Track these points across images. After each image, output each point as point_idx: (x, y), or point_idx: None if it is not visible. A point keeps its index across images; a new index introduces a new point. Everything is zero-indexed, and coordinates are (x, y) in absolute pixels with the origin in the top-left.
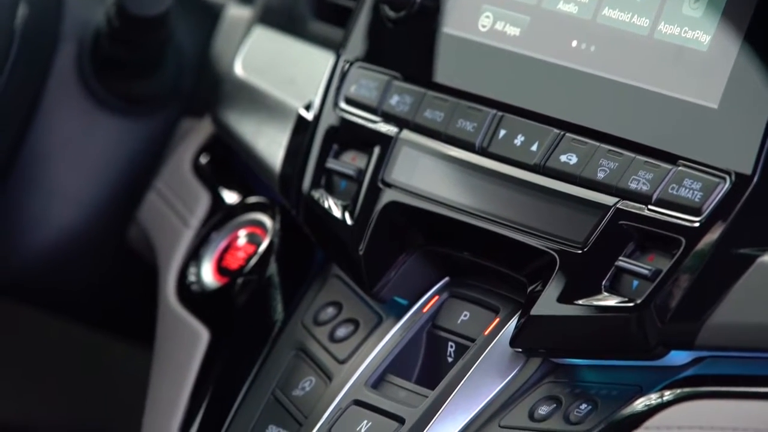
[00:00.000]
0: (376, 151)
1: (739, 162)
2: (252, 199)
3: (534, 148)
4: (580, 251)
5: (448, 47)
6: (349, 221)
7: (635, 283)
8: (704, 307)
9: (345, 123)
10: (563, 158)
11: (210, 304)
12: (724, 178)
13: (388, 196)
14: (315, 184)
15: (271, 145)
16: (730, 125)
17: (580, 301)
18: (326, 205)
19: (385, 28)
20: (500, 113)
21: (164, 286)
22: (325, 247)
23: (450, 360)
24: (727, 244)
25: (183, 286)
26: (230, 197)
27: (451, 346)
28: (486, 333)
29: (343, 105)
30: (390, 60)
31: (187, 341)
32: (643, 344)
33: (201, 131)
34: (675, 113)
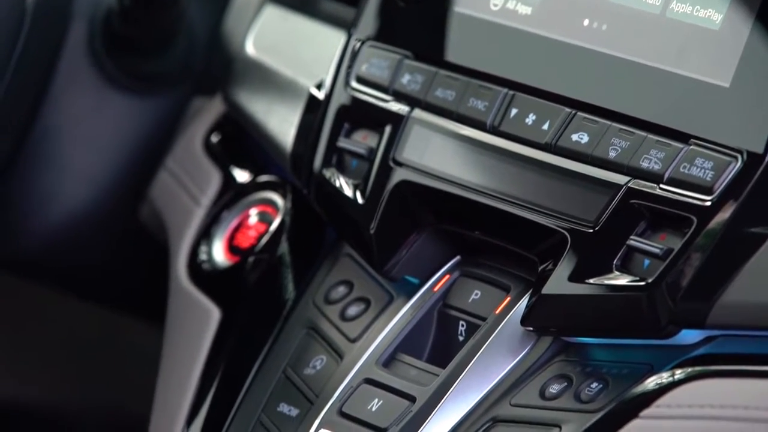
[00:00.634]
0: (388, 130)
1: (750, 141)
2: (263, 178)
3: (545, 127)
4: (591, 230)
5: (459, 26)
6: (360, 200)
7: (646, 262)
8: (715, 285)
9: (356, 102)
10: (575, 137)
11: (221, 283)
12: (735, 157)
13: (399, 175)
14: (326, 163)
15: (282, 124)
16: (742, 104)
17: (591, 280)
18: (337, 184)
19: (397, 6)
20: (511, 92)
21: (175, 265)
22: (336, 226)
23: (461, 339)
24: (738, 222)
25: (194, 265)
26: (241, 176)
27: (462, 325)
28: (497, 312)
29: (354, 84)
30: (401, 39)
31: (199, 319)
32: (654, 323)
33: (212, 110)
34: (687, 92)
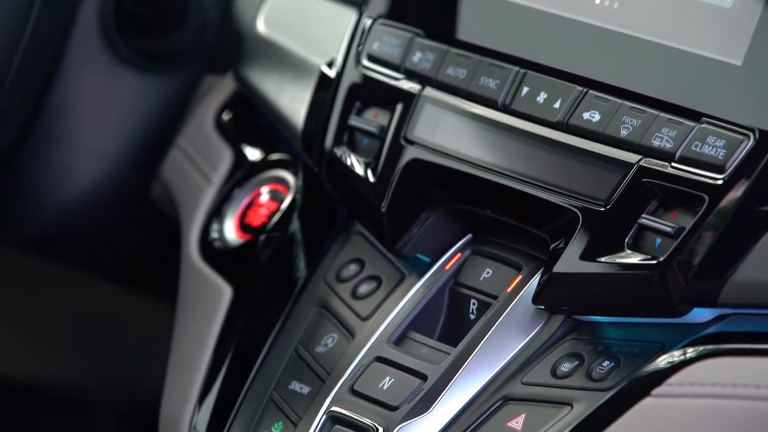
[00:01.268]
0: (399, 108)
1: (763, 119)
2: (274, 156)
3: (557, 105)
4: (602, 208)
5: (470, 4)
6: (371, 178)
7: (658, 240)
8: (727, 264)
9: (367, 80)
10: (586, 115)
11: (232, 261)
12: (747, 136)
13: (410, 153)
14: (337, 141)
15: (293, 103)
16: (754, 82)
17: (602, 259)
18: (349, 162)
19: None
20: (523, 70)
21: (187, 243)
22: (348, 205)
23: (472, 317)
24: (750, 201)
25: (206, 243)
26: (253, 154)
27: (474, 303)
28: (508, 290)
29: (365, 62)
30: (413, 17)
31: (210, 297)
32: (666, 301)
33: (223, 88)
34: (699, 70)
